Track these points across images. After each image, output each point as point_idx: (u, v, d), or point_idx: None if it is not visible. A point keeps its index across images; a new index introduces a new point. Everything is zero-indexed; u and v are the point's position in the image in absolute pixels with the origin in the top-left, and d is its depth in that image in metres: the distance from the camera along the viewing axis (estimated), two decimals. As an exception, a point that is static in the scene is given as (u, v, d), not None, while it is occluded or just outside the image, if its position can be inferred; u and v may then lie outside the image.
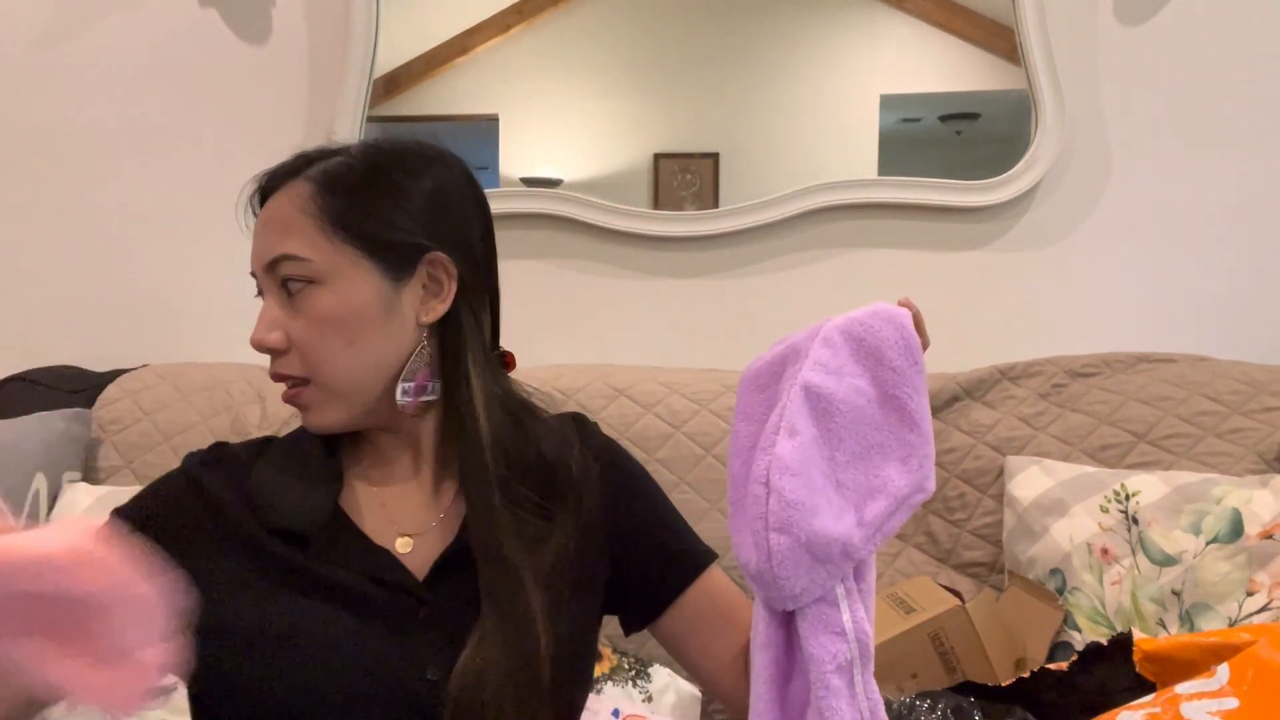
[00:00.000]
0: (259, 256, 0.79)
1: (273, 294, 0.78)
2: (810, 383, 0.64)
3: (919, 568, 1.55)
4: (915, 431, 0.65)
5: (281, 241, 0.77)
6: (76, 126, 1.88)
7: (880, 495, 0.64)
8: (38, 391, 1.67)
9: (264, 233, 0.79)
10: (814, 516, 0.62)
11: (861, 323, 0.66)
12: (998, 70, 1.78)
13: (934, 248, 1.79)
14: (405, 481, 0.83)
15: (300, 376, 0.78)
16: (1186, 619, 1.29)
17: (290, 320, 0.78)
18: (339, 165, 0.80)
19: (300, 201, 0.78)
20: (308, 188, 0.79)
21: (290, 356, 0.78)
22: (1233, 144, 1.72)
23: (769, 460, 0.63)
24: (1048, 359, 1.62)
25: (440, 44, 1.86)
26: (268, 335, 0.77)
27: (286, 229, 0.78)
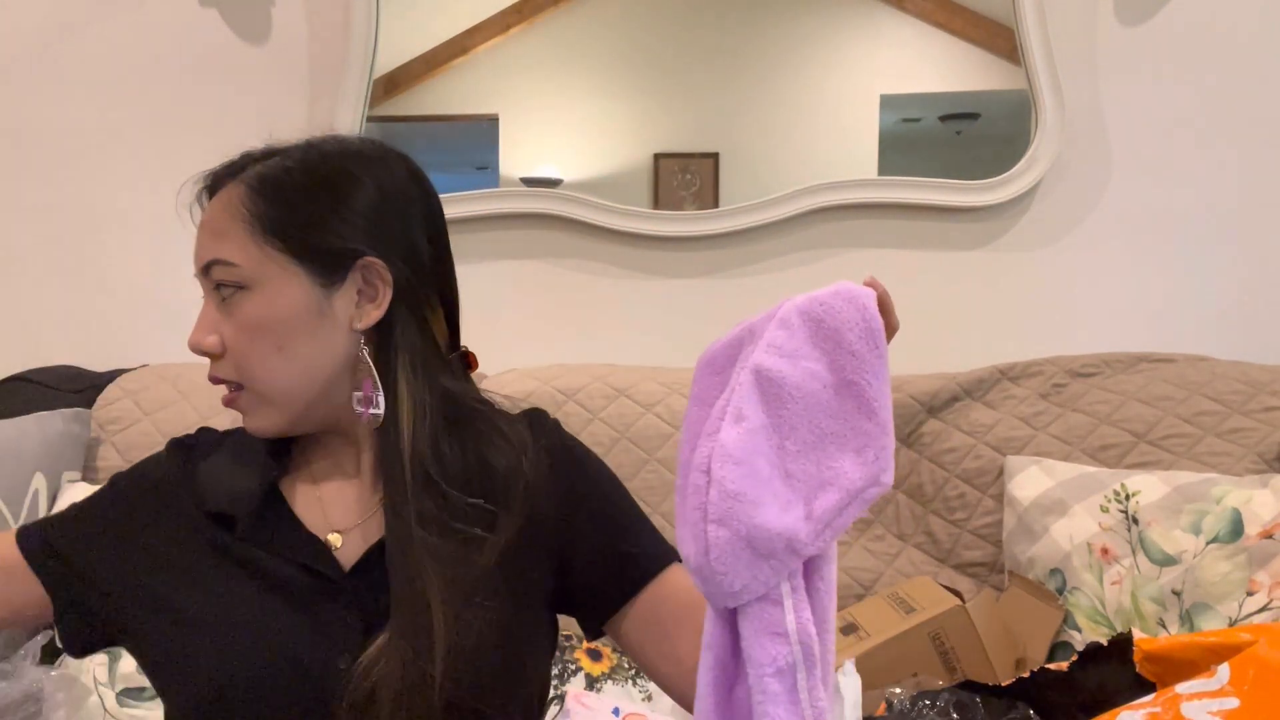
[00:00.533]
0: (196, 259, 0.80)
1: (210, 297, 0.79)
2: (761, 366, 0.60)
3: (919, 568, 1.55)
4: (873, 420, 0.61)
5: (215, 246, 0.78)
6: (76, 126, 1.88)
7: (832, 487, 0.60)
8: (38, 391, 1.67)
9: (201, 236, 0.80)
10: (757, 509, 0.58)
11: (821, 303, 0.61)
12: (998, 70, 1.78)
13: (934, 248, 1.79)
14: (345, 479, 0.84)
15: (234, 381, 0.80)
16: (1186, 619, 1.29)
17: (223, 324, 0.79)
18: (275, 168, 0.80)
19: (233, 206, 0.79)
20: (241, 191, 0.79)
21: (225, 361, 0.80)
22: (1233, 144, 1.72)
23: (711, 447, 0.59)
24: (1048, 359, 1.62)
25: (440, 44, 1.86)
26: (204, 339, 0.79)
27: (220, 233, 0.78)
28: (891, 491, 1.63)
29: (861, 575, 1.55)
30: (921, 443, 1.61)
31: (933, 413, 1.62)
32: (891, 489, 1.62)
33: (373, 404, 0.78)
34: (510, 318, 1.81)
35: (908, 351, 1.76)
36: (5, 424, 1.52)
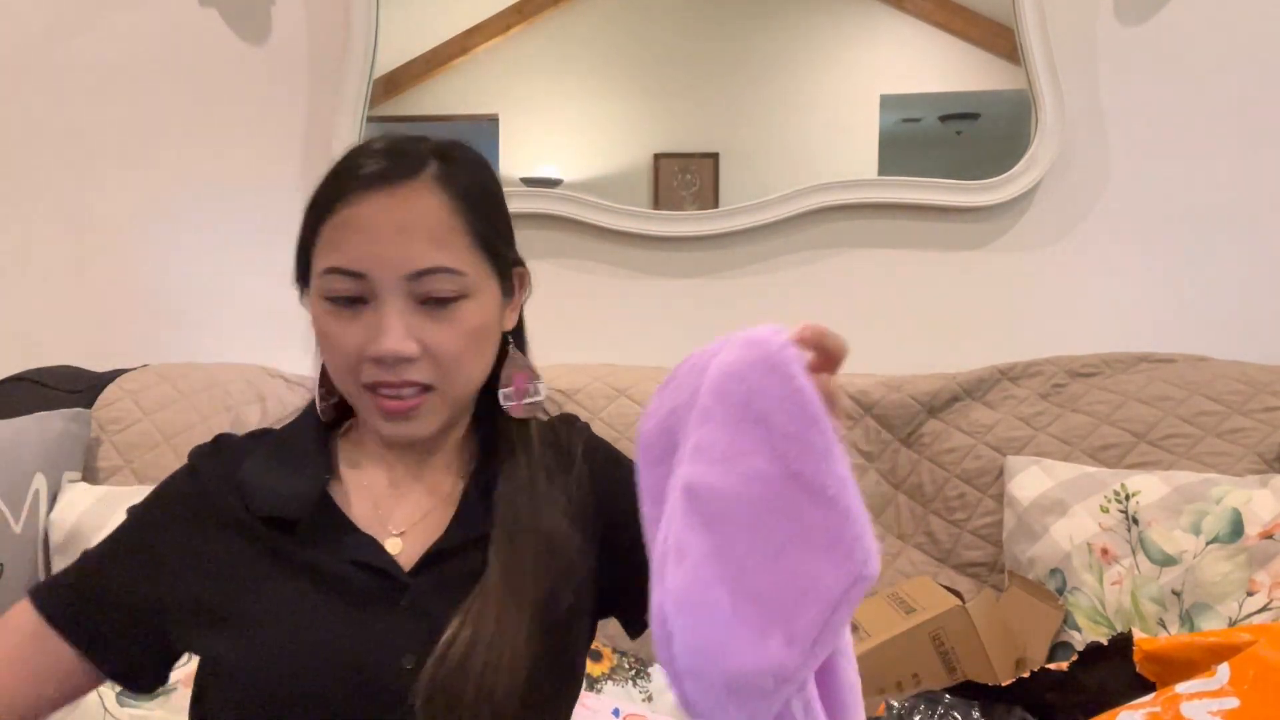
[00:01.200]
0: (399, 263, 0.74)
1: (404, 300, 0.75)
2: (692, 483, 0.52)
3: (919, 568, 1.55)
4: (833, 509, 0.51)
5: (433, 252, 0.75)
6: (76, 126, 1.88)
7: (810, 599, 0.51)
8: (38, 391, 1.67)
9: (404, 239, 0.75)
10: (726, 654, 0.50)
11: (738, 378, 0.53)
12: (998, 70, 1.78)
13: (934, 248, 1.79)
14: (405, 478, 0.84)
15: (427, 384, 0.77)
16: (1186, 619, 1.29)
17: (432, 330, 0.76)
18: (467, 175, 0.80)
19: (444, 213, 0.77)
20: (445, 196, 0.77)
21: (420, 364, 0.76)
22: (1233, 144, 1.72)
23: (661, 596, 0.52)
24: (1048, 359, 1.62)
25: (440, 44, 1.86)
26: (405, 345, 0.74)
27: (437, 239, 0.76)
28: (891, 491, 1.63)
29: (861, 575, 1.55)
30: (921, 443, 1.61)
31: (933, 413, 1.62)
32: (892, 489, 1.62)
33: (526, 395, 0.83)
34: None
35: (908, 351, 1.76)
36: (5, 424, 1.52)
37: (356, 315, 0.76)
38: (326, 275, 0.76)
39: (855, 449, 1.63)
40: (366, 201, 0.75)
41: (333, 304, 0.77)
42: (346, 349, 0.76)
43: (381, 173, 0.76)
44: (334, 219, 0.76)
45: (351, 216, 0.75)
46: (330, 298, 0.77)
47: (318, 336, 0.80)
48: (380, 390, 0.76)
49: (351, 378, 0.77)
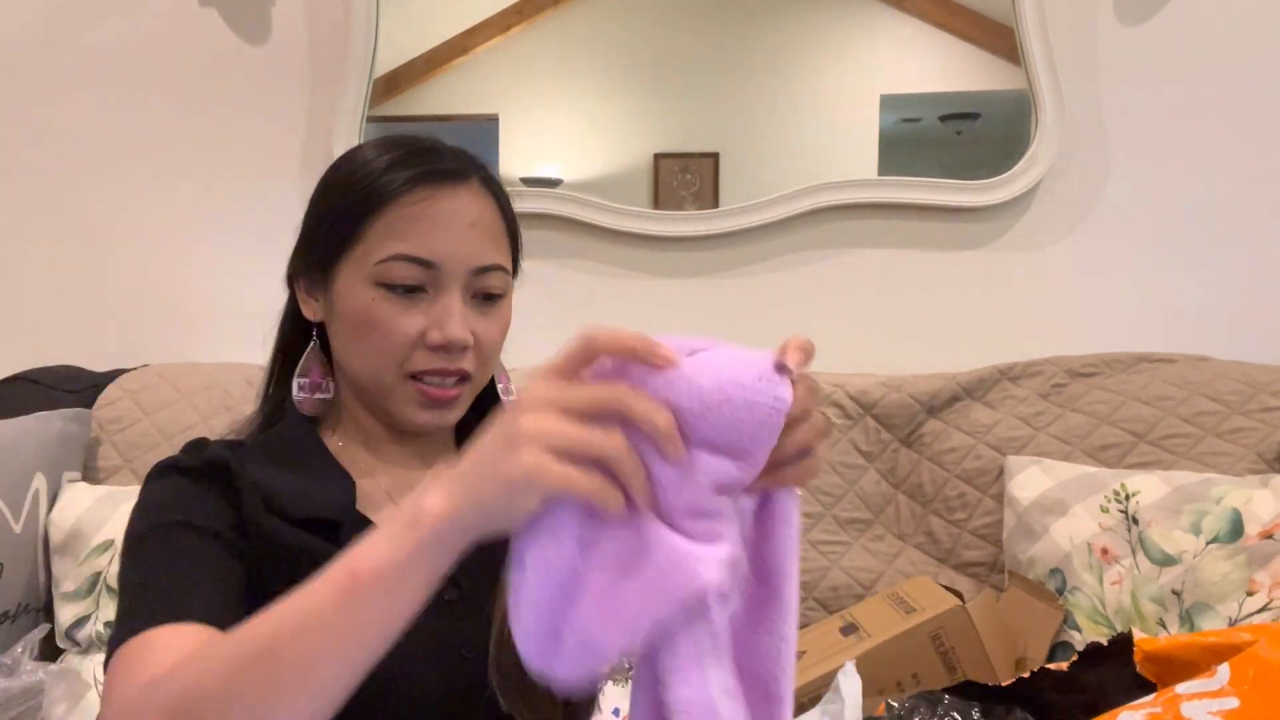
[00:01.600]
0: (468, 257, 0.78)
1: (464, 291, 0.79)
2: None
3: (919, 568, 1.55)
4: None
5: (493, 251, 0.80)
6: (76, 126, 1.88)
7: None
8: (38, 391, 1.67)
9: (474, 235, 0.79)
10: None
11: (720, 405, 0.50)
12: (998, 70, 1.78)
13: (934, 248, 1.79)
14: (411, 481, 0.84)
15: (470, 373, 0.80)
16: (1186, 619, 1.29)
17: (481, 323, 0.80)
18: (496, 181, 0.84)
19: (498, 212, 0.82)
20: (493, 200, 0.82)
21: (469, 355, 0.79)
22: (1233, 144, 1.72)
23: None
24: (1048, 359, 1.62)
25: (440, 44, 1.86)
26: (467, 334, 0.78)
27: (495, 239, 0.81)
28: (891, 491, 1.63)
29: (861, 575, 1.55)
30: (921, 443, 1.61)
31: (933, 413, 1.62)
32: (892, 489, 1.62)
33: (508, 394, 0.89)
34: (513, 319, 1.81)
35: (908, 351, 1.76)
36: (5, 424, 1.52)
37: (414, 303, 0.78)
38: (391, 262, 0.77)
39: (855, 449, 1.63)
40: (433, 193, 0.78)
41: (389, 290, 0.77)
42: (402, 336, 0.77)
43: (438, 173, 0.79)
44: (396, 207, 0.77)
45: (425, 207, 0.78)
46: (389, 284, 0.77)
47: (355, 323, 0.78)
48: (427, 379, 0.78)
49: (395, 367, 0.78)
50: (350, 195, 0.80)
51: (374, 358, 0.79)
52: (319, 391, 0.85)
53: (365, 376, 0.81)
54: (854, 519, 1.60)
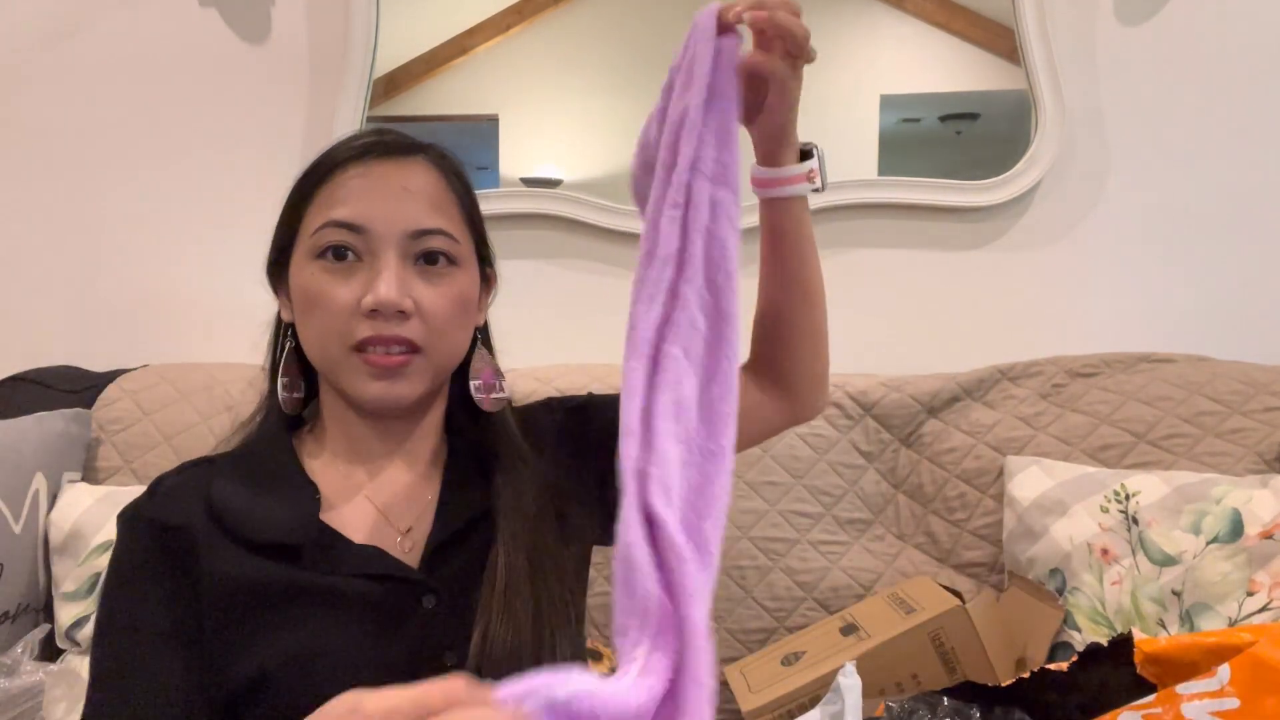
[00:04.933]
0: (401, 220, 0.77)
1: (402, 259, 0.77)
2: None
3: (919, 568, 1.55)
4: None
5: (432, 215, 0.78)
6: (76, 126, 1.88)
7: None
8: (38, 391, 1.67)
9: (407, 200, 0.77)
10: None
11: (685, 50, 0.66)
12: (998, 70, 1.78)
13: (934, 248, 1.79)
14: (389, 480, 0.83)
15: (417, 344, 0.77)
16: (1186, 619, 1.29)
17: (423, 290, 0.78)
18: (451, 163, 0.83)
19: (441, 184, 0.80)
20: (441, 172, 0.81)
21: (412, 323, 0.77)
22: (1232, 144, 1.72)
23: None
24: (1048, 359, 1.62)
25: (440, 44, 1.86)
26: (403, 299, 0.76)
27: (436, 205, 0.79)
28: (891, 491, 1.63)
29: (861, 575, 1.55)
30: (921, 443, 1.61)
31: (933, 413, 1.62)
32: (892, 489, 1.62)
33: (494, 389, 0.86)
34: (509, 317, 1.81)
35: (908, 351, 1.76)
36: (5, 424, 1.52)
37: (351, 272, 0.77)
38: (322, 230, 0.77)
39: (855, 449, 1.63)
40: (369, 165, 0.78)
41: (325, 261, 0.77)
42: (340, 305, 0.76)
43: (382, 144, 0.80)
44: (332, 182, 0.78)
45: (352, 176, 0.78)
46: (323, 254, 0.77)
47: (303, 303, 0.79)
48: (369, 348, 0.76)
49: (339, 340, 0.77)
50: (300, 181, 0.81)
51: (320, 334, 0.78)
52: (295, 391, 0.85)
53: (319, 357, 0.80)
54: (854, 519, 1.60)
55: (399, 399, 0.79)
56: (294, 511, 0.77)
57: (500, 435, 0.85)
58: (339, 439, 0.83)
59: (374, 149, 0.79)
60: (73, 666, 1.42)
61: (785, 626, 1.52)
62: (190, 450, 1.56)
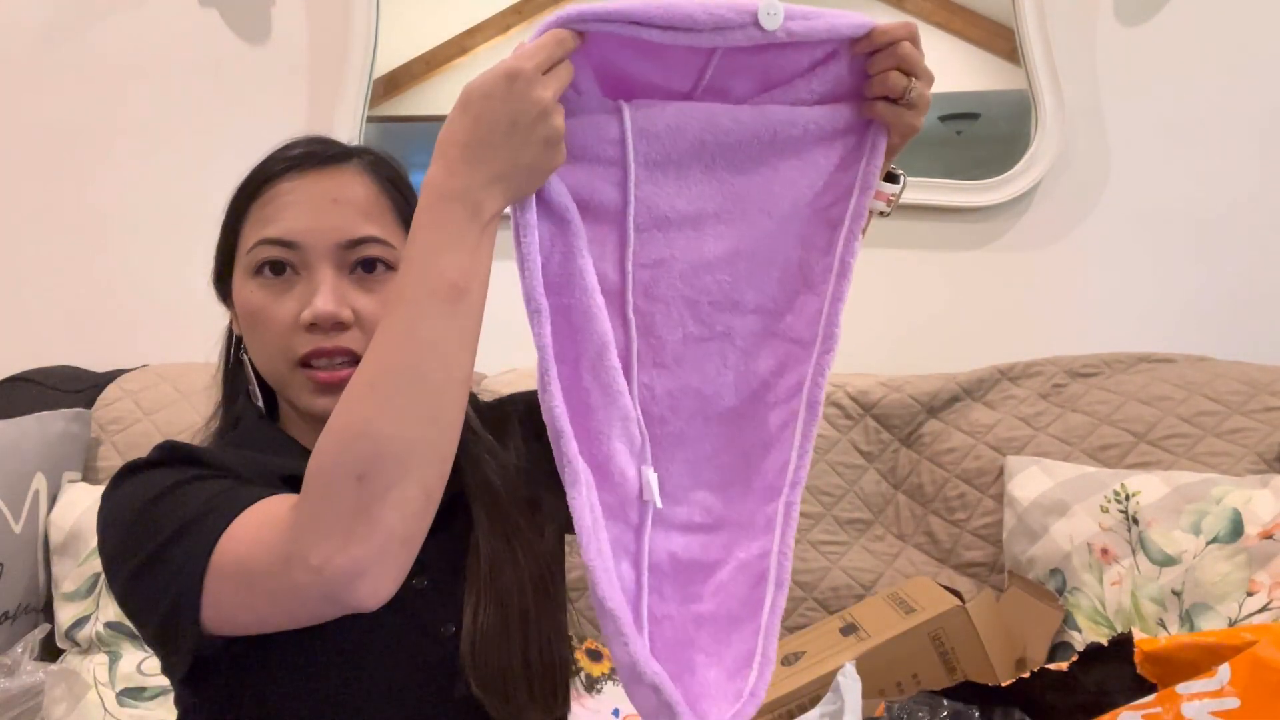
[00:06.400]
0: (332, 232, 0.77)
1: (336, 269, 0.77)
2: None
3: (919, 568, 1.55)
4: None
5: (365, 223, 0.78)
6: (77, 126, 1.88)
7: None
8: (38, 391, 1.67)
9: (339, 210, 0.78)
10: None
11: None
12: (998, 70, 1.78)
13: (934, 248, 1.79)
14: None
15: (359, 354, 0.77)
16: (1186, 619, 1.29)
17: (362, 299, 0.77)
18: (387, 166, 0.83)
19: (374, 190, 0.80)
20: (372, 179, 0.80)
21: (352, 333, 0.77)
22: (1232, 144, 1.72)
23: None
24: (1048, 359, 1.62)
25: (440, 44, 1.86)
26: (342, 310, 0.75)
27: (369, 214, 0.79)
28: (891, 491, 1.63)
29: (861, 575, 1.55)
30: (921, 443, 1.61)
31: (933, 413, 1.62)
32: (892, 489, 1.62)
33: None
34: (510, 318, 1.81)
35: (908, 351, 1.76)
36: (5, 424, 1.52)
37: (288, 287, 0.77)
38: (257, 248, 0.78)
39: (855, 449, 1.63)
40: (299, 179, 0.79)
41: (262, 278, 0.78)
42: (280, 322, 0.76)
43: (311, 154, 0.80)
44: (263, 197, 0.79)
45: (283, 192, 0.78)
46: (259, 270, 0.77)
47: (246, 320, 0.79)
48: (313, 362, 0.77)
49: (283, 356, 0.77)
50: (234, 198, 0.82)
51: (265, 350, 0.78)
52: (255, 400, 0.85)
53: (267, 372, 0.80)
54: (854, 519, 1.60)
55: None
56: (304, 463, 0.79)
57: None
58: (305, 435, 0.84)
59: (304, 160, 0.79)
60: (73, 666, 1.42)
61: (785, 626, 1.52)
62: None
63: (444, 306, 0.61)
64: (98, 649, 1.45)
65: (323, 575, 0.59)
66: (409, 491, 0.60)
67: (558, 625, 0.82)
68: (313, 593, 0.60)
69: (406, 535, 0.60)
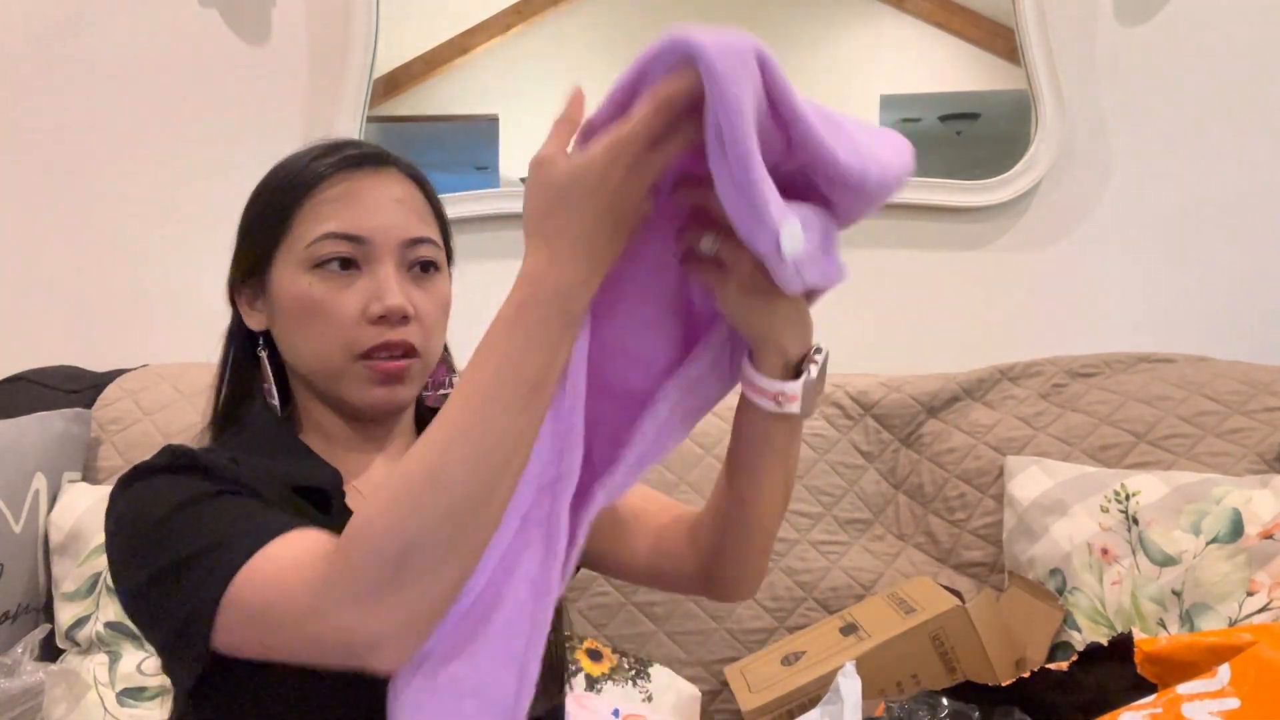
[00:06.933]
0: (398, 229, 0.80)
1: (397, 267, 0.80)
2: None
3: (919, 568, 1.55)
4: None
5: (421, 225, 0.82)
6: (76, 126, 1.88)
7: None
8: (38, 391, 1.67)
9: (400, 209, 0.81)
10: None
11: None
12: (998, 70, 1.78)
13: (934, 248, 1.79)
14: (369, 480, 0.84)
15: (416, 348, 0.80)
16: (1186, 619, 1.29)
17: (418, 295, 0.80)
18: (420, 174, 0.86)
19: (419, 193, 0.84)
20: (415, 185, 0.83)
21: (412, 327, 0.80)
22: (1232, 144, 1.72)
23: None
24: (1048, 359, 1.62)
25: (440, 44, 1.86)
26: (407, 304, 0.78)
27: (422, 215, 0.83)
28: (891, 491, 1.63)
29: (861, 575, 1.55)
30: (921, 443, 1.61)
31: (933, 413, 1.62)
32: (892, 489, 1.62)
33: (442, 386, 0.89)
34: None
35: (908, 351, 1.76)
36: (5, 424, 1.52)
37: (350, 281, 0.79)
38: (322, 242, 0.78)
39: (855, 449, 1.63)
40: (358, 176, 0.80)
41: (324, 271, 0.78)
42: (344, 315, 0.78)
43: (367, 155, 0.82)
44: (321, 193, 0.80)
45: (349, 188, 0.80)
46: (322, 264, 0.78)
47: (299, 313, 0.79)
48: (378, 354, 0.78)
49: (344, 349, 0.78)
50: (276, 193, 0.83)
51: (320, 343, 0.79)
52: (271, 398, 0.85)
53: (315, 365, 0.81)
54: (854, 519, 1.60)
55: (400, 403, 0.82)
56: (323, 473, 0.79)
57: None
58: (316, 443, 0.84)
59: (362, 160, 0.81)
60: (73, 666, 1.42)
61: (785, 627, 1.52)
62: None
63: (521, 403, 0.61)
64: (98, 649, 1.45)
65: (344, 636, 0.59)
66: (448, 572, 0.60)
67: (558, 620, 0.82)
68: (330, 647, 0.60)
69: (435, 612, 0.61)
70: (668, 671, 1.45)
